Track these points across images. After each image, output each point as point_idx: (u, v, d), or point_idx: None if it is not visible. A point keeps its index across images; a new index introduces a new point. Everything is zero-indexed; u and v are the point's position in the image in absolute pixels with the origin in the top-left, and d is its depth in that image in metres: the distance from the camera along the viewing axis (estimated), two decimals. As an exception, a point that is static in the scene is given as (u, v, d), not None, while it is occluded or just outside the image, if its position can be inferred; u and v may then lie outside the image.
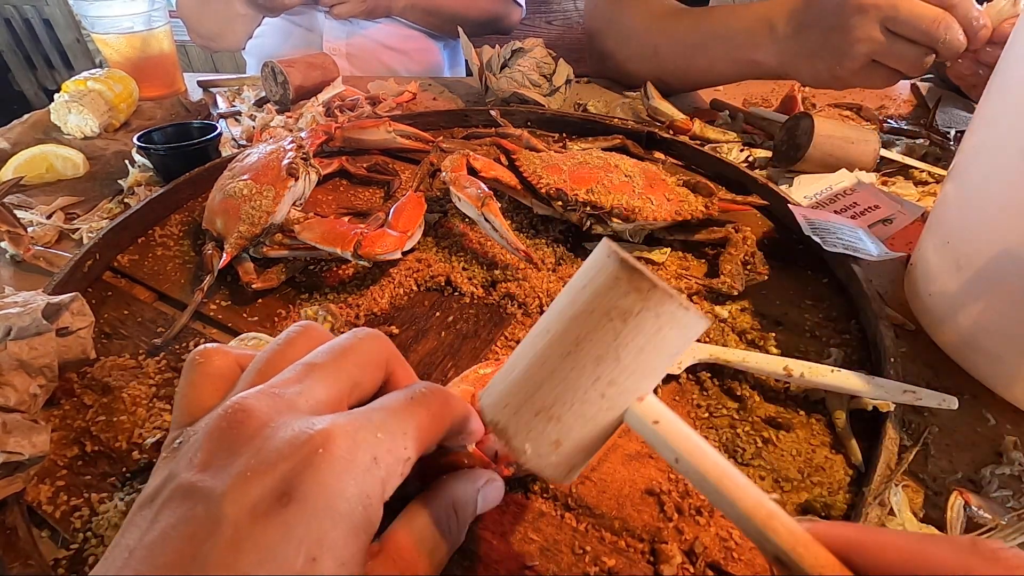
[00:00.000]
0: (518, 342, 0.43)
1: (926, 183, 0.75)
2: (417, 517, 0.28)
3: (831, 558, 0.20)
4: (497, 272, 0.57)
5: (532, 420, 0.26)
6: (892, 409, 0.40)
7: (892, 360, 0.44)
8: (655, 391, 0.27)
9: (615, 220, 0.58)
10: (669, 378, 0.47)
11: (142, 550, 0.22)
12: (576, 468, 0.27)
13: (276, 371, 0.28)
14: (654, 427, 0.25)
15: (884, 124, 0.91)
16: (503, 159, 0.67)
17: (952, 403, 0.41)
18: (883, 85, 0.72)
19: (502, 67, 0.97)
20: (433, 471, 0.32)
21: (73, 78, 0.91)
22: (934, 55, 0.65)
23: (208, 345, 0.30)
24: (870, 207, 0.64)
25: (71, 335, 0.44)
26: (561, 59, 0.99)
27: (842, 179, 0.69)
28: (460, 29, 1.05)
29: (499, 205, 0.56)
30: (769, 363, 0.44)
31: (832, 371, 0.43)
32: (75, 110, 0.87)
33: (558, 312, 0.26)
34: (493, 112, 0.80)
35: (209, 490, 0.22)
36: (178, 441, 0.26)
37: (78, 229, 0.68)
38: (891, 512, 0.36)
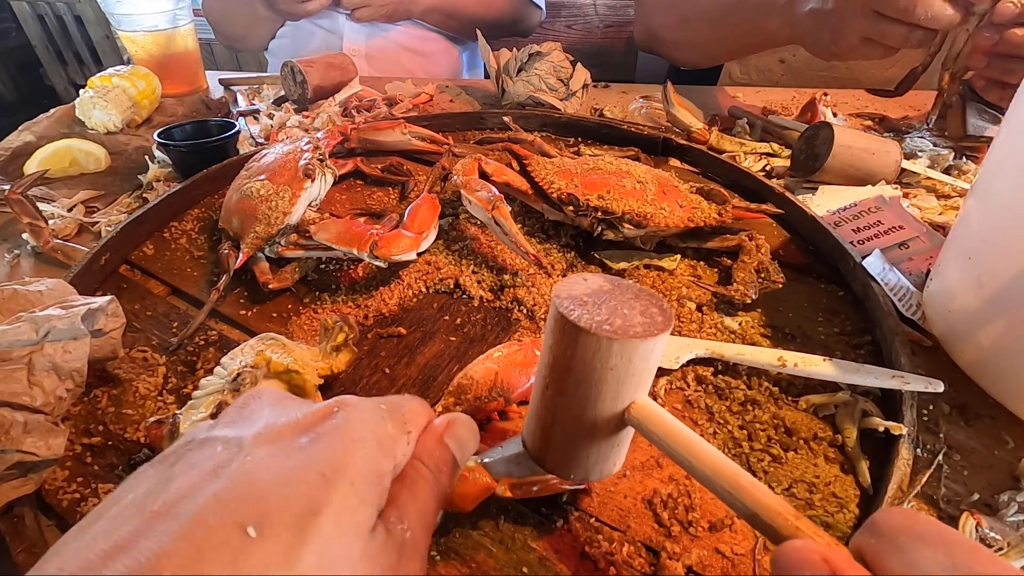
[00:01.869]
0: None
1: (949, 196, 0.73)
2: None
3: (789, 509, 0.24)
4: (506, 277, 0.57)
5: (560, 448, 0.32)
6: (904, 432, 0.39)
7: (910, 395, 0.43)
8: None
9: (627, 226, 0.58)
10: (672, 381, 0.47)
11: (162, 475, 0.22)
12: (612, 466, 0.33)
13: None
14: (643, 425, 0.29)
15: (910, 131, 0.89)
16: (515, 164, 0.66)
17: (938, 386, 0.42)
18: (879, 57, 0.76)
19: (519, 70, 0.97)
20: None
21: (99, 74, 0.93)
22: (921, 31, 0.69)
23: None
24: (894, 227, 0.63)
25: (104, 336, 0.44)
26: (579, 63, 0.99)
27: (866, 194, 0.68)
28: (479, 32, 1.05)
29: (509, 209, 0.56)
30: (763, 354, 0.46)
31: (824, 360, 0.45)
32: (99, 106, 0.89)
33: (546, 366, 0.30)
34: (506, 118, 0.80)
35: (232, 436, 0.23)
36: None
37: (97, 223, 0.69)
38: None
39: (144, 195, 0.75)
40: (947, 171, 0.77)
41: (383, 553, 0.23)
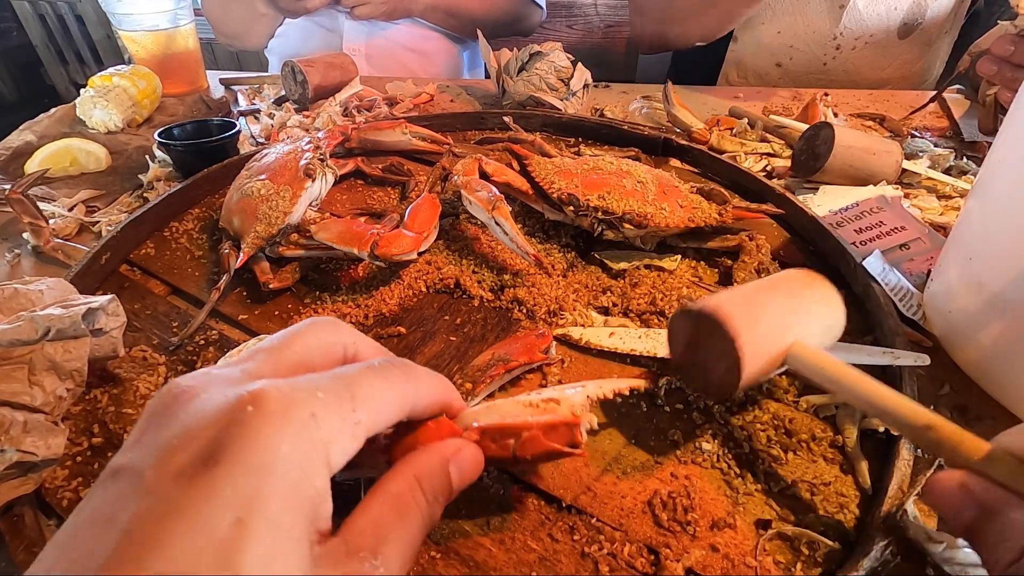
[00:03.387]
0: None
1: (949, 197, 0.73)
2: (375, 497, 0.25)
3: (978, 440, 0.26)
4: (507, 276, 0.57)
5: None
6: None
7: (909, 378, 0.43)
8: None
9: (627, 226, 0.58)
10: (672, 380, 0.46)
11: (68, 538, 0.20)
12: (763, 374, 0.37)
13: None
14: (805, 360, 0.36)
15: (910, 135, 0.89)
16: (515, 164, 0.66)
17: (924, 360, 0.43)
18: None
19: (520, 70, 0.97)
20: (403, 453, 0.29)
21: (100, 73, 0.93)
22: None
23: None
24: (896, 228, 0.63)
25: (104, 335, 0.44)
26: (579, 63, 0.99)
27: (867, 194, 0.68)
28: (479, 31, 1.05)
29: (510, 209, 0.56)
30: None
31: None
32: (100, 105, 0.89)
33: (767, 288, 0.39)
34: (506, 118, 0.80)
35: (134, 465, 0.21)
36: None
37: (97, 222, 0.69)
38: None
39: (144, 195, 0.75)
40: (947, 171, 0.77)
41: None
